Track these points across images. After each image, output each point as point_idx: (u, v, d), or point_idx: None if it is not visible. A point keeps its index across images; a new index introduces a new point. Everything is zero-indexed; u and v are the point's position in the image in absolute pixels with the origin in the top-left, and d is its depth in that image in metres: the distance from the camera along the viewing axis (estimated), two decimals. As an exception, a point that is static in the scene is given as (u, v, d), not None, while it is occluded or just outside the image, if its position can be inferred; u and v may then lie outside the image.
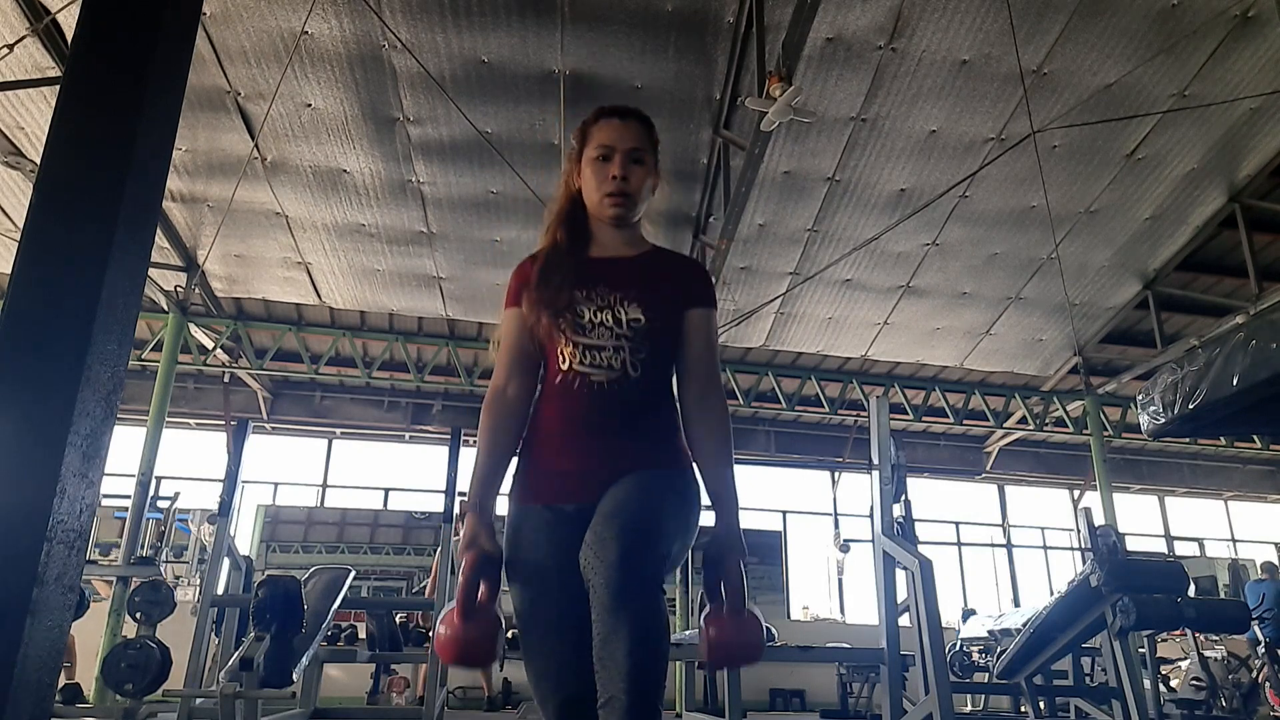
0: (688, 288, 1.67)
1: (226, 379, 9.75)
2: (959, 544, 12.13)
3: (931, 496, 11.93)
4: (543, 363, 1.64)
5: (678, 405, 1.67)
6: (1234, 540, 12.95)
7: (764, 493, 11.38)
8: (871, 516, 4.83)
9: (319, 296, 8.49)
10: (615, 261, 1.66)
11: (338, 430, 10.87)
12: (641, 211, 1.70)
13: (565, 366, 1.58)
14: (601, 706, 1.29)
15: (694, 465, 1.61)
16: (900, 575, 4.50)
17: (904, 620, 4.47)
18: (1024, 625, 5.70)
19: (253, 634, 3.92)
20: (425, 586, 9.07)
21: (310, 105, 6.36)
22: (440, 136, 6.65)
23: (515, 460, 1.64)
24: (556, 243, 1.68)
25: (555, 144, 6.63)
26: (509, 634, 1.70)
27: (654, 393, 1.61)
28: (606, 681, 1.29)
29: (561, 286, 1.60)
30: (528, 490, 1.58)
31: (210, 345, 8.88)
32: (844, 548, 10.46)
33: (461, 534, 1.55)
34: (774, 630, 4.99)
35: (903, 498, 4.73)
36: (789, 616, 10.60)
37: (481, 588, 1.50)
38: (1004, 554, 12.22)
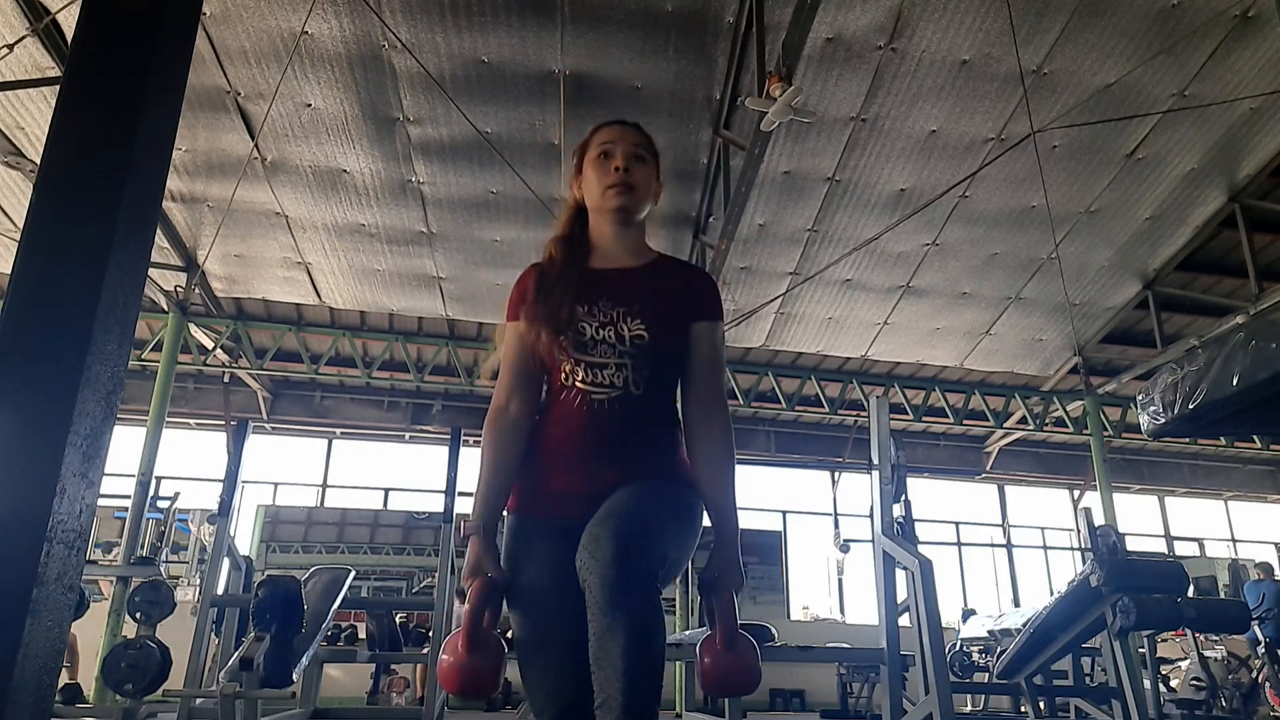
0: (693, 300, 1.64)
1: (226, 379, 9.75)
2: (959, 544, 12.14)
3: (931, 496, 11.94)
4: (545, 378, 1.61)
5: (680, 421, 1.64)
6: (1234, 540, 12.96)
7: (764, 493, 11.40)
8: (871, 516, 4.83)
9: (319, 296, 8.49)
10: (618, 273, 1.63)
11: (338, 430, 10.87)
12: (645, 211, 1.68)
13: (568, 384, 1.55)
14: (598, 707, 1.27)
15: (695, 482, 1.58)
16: (900, 575, 4.50)
17: (904, 620, 4.47)
18: (1024, 625, 5.70)
19: (253, 634, 3.92)
20: (427, 586, 9.08)
21: (310, 105, 6.36)
22: (440, 136, 6.64)
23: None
24: (553, 258, 1.65)
25: (555, 144, 6.63)
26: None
27: (656, 409, 1.59)
28: (603, 682, 1.27)
29: (561, 302, 1.57)
30: (526, 505, 1.57)
31: (210, 345, 8.88)
32: (844, 548, 10.46)
33: (466, 559, 1.53)
34: (774, 630, 4.98)
35: (903, 498, 4.72)
36: (789, 616, 10.61)
37: (486, 615, 1.47)
38: (1004, 554, 12.22)
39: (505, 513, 1.59)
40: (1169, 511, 12.91)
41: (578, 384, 1.54)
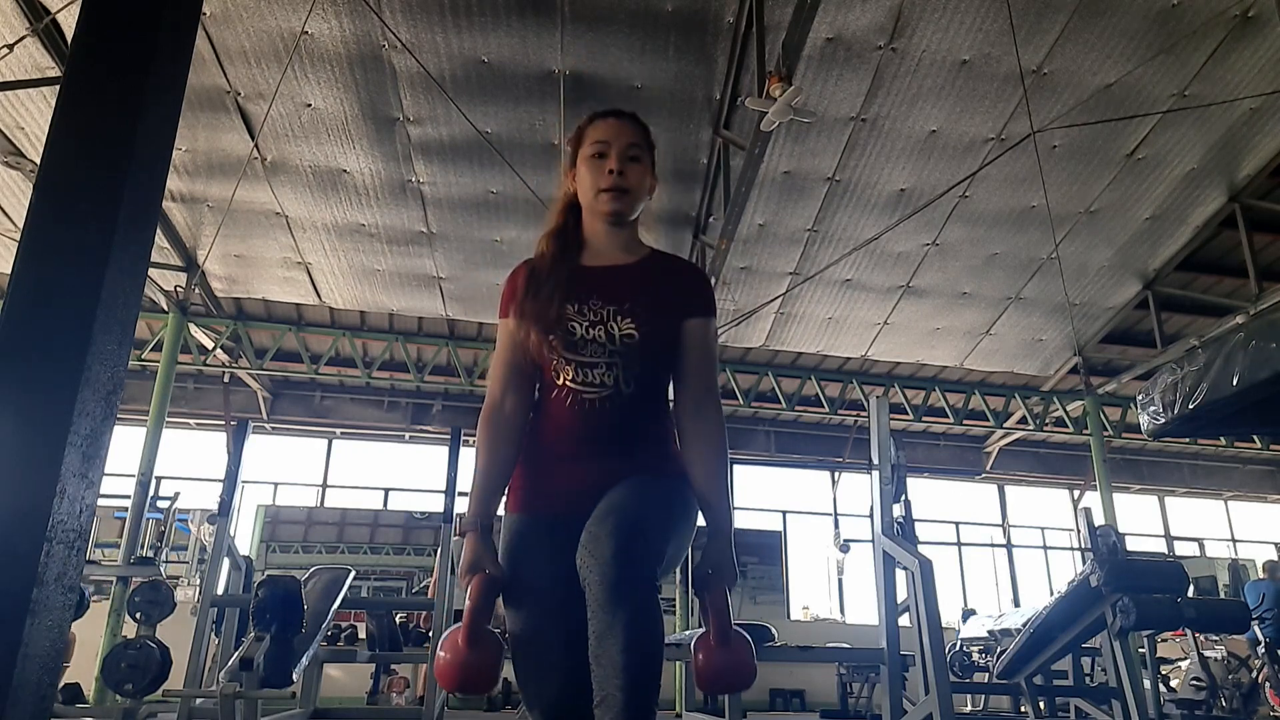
0: (686, 296, 1.63)
1: (226, 379, 9.75)
2: (959, 544, 12.13)
3: (931, 496, 11.94)
4: (538, 376, 1.61)
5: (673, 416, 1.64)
6: (1234, 540, 12.96)
7: (764, 493, 11.39)
8: (871, 516, 4.83)
9: (319, 296, 8.49)
10: (610, 270, 1.62)
11: (338, 430, 10.87)
12: (639, 211, 1.67)
13: (559, 382, 1.55)
14: (597, 705, 1.28)
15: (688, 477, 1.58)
16: (900, 575, 4.50)
17: (904, 620, 4.47)
18: (1024, 625, 5.70)
19: (253, 634, 3.92)
20: (427, 586, 9.09)
21: (310, 105, 6.36)
22: (440, 136, 6.64)
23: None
24: (544, 254, 1.64)
25: (555, 144, 6.63)
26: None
27: (648, 407, 1.58)
28: (602, 679, 1.27)
29: (551, 300, 1.56)
30: (524, 503, 1.57)
31: (210, 345, 8.88)
32: (844, 548, 10.46)
33: (463, 556, 1.53)
34: (774, 630, 4.98)
35: (903, 498, 4.72)
36: (789, 616, 10.60)
37: (485, 612, 1.48)
38: (1004, 554, 12.22)
39: (504, 513, 1.59)
40: (1169, 511, 12.90)
41: (568, 383, 1.54)
